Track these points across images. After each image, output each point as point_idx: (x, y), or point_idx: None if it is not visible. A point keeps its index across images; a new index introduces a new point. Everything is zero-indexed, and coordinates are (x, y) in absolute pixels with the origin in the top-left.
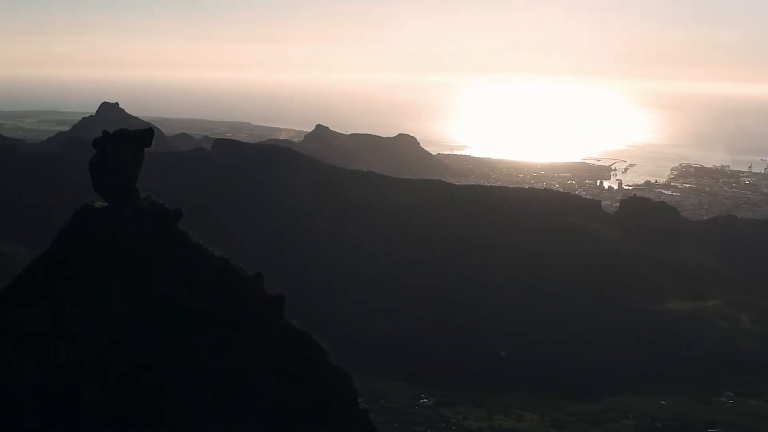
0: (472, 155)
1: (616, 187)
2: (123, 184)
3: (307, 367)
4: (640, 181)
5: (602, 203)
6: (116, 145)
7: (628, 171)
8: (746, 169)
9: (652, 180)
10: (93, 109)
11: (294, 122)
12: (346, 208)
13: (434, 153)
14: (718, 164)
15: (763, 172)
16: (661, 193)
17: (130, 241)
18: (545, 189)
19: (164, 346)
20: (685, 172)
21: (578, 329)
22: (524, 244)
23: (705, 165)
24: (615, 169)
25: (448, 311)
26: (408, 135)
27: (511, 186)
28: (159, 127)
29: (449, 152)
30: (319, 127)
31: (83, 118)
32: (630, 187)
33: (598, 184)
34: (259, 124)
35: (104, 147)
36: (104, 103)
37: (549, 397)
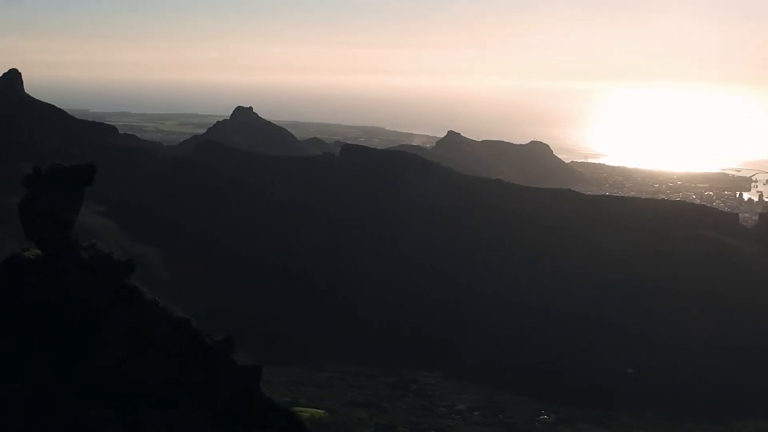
0: (606, 164)
1: (756, 199)
2: (57, 230)
3: None
4: None
5: (740, 216)
6: (49, 183)
7: None
8: None
9: None
10: (230, 113)
11: (428, 128)
12: (470, 216)
13: (567, 161)
14: None
15: None
16: None
17: (66, 298)
18: (679, 201)
19: (105, 425)
20: None
21: (710, 347)
22: (655, 256)
23: None
24: (756, 181)
25: (572, 323)
26: (541, 142)
27: (643, 197)
28: (291, 131)
29: (583, 160)
30: (450, 133)
31: (217, 121)
32: None
33: (737, 195)
34: (392, 129)
35: (35, 186)
36: (238, 107)
37: (676, 418)
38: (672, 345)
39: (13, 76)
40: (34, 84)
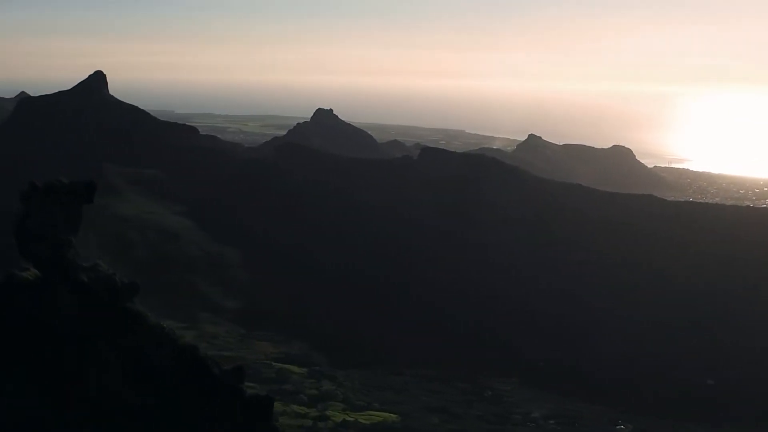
0: (690, 169)
1: None
2: (51, 250)
3: None
4: None
5: None
6: (45, 201)
7: None
8: None
9: None
10: (312, 115)
11: (509, 131)
12: (549, 220)
13: (651, 166)
14: None
15: None
16: None
17: (61, 322)
18: (765, 207)
19: None
20: None
21: None
22: (738, 264)
23: None
24: None
25: (651, 332)
26: (623, 147)
27: (728, 203)
28: (372, 133)
29: (666, 165)
30: (531, 136)
31: (298, 123)
32: None
33: None
34: (473, 132)
35: (30, 203)
36: (319, 109)
37: (755, 430)
38: (755, 356)
39: (98, 77)
40: (120, 86)
